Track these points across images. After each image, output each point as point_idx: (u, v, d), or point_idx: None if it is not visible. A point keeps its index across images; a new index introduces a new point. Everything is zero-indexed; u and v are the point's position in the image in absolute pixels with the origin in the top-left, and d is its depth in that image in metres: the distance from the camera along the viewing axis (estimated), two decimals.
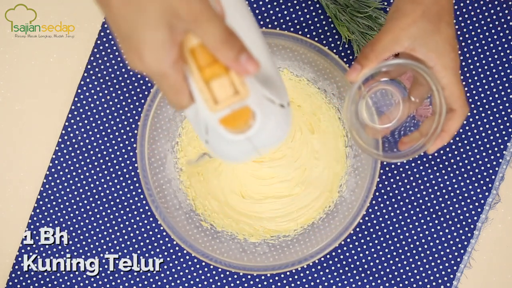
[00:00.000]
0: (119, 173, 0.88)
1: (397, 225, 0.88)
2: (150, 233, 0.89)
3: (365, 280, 0.88)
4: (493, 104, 0.87)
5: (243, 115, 0.51)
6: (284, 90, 0.59)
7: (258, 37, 0.60)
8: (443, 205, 0.87)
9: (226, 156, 0.57)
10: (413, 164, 0.87)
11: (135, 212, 0.88)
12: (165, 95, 0.51)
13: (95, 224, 0.89)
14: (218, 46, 0.47)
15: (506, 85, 0.87)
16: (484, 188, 0.87)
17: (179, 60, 0.49)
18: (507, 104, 0.87)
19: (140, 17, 0.47)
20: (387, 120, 0.70)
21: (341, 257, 0.88)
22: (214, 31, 0.47)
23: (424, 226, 0.88)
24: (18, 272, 0.89)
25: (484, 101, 0.87)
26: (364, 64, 0.64)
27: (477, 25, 0.86)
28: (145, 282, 0.89)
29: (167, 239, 0.88)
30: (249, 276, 0.88)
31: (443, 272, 0.88)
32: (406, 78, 0.76)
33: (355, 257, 0.88)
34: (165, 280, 0.89)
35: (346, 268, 0.88)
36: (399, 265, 0.88)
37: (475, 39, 0.87)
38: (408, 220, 0.88)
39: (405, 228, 0.88)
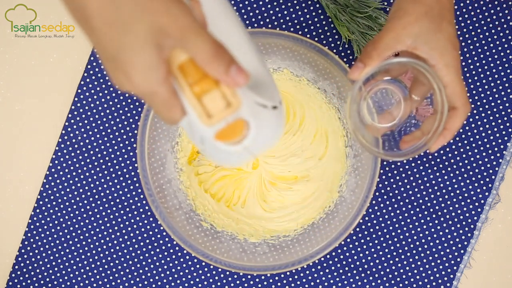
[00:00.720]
0: (119, 173, 0.88)
1: (397, 225, 0.88)
2: (150, 233, 0.89)
3: (365, 280, 0.88)
4: (493, 104, 0.87)
5: (237, 126, 0.51)
6: (276, 89, 0.59)
7: (244, 39, 0.59)
8: (443, 205, 0.87)
9: (223, 162, 0.57)
10: (413, 164, 0.87)
11: (135, 212, 0.88)
12: (157, 113, 0.50)
13: (95, 224, 0.89)
14: (207, 61, 0.47)
15: (506, 85, 0.87)
16: (484, 188, 0.87)
17: (168, 76, 0.48)
18: (507, 104, 0.87)
19: (127, 38, 0.46)
20: (389, 118, 0.70)
21: (341, 257, 0.88)
22: (202, 46, 0.46)
23: (424, 226, 0.88)
24: (18, 272, 0.89)
25: (484, 101, 0.87)
26: (366, 63, 0.64)
27: (477, 25, 0.86)
28: (145, 282, 0.89)
29: (167, 239, 0.88)
30: (249, 276, 0.88)
31: (443, 272, 0.88)
32: (407, 78, 0.77)
33: (355, 257, 0.88)
34: (165, 280, 0.89)
35: (346, 268, 0.88)
36: (399, 265, 0.88)
37: (475, 39, 0.87)
38: (408, 220, 0.88)
39: (405, 228, 0.88)
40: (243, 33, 0.59)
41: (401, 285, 0.88)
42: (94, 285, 0.89)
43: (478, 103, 0.87)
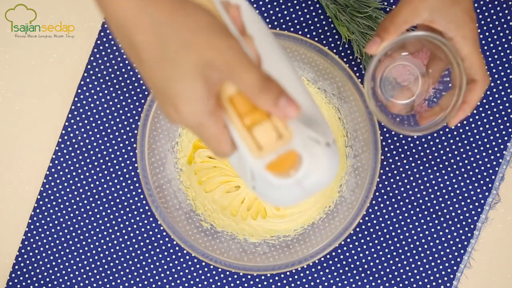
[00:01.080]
0: (119, 173, 0.88)
1: (397, 225, 0.88)
2: (150, 233, 0.89)
3: (365, 280, 0.88)
4: (493, 104, 0.87)
5: (289, 158, 0.50)
6: (328, 128, 0.58)
7: (295, 77, 0.59)
8: (443, 205, 0.87)
9: (275, 201, 0.56)
10: (413, 164, 0.87)
11: (135, 212, 0.88)
12: (207, 145, 0.50)
13: (95, 224, 0.89)
14: (255, 93, 0.47)
15: (506, 85, 0.87)
16: (484, 188, 0.87)
17: (217, 110, 0.48)
18: (507, 104, 0.87)
19: (175, 72, 0.46)
20: (407, 95, 0.70)
21: (341, 257, 0.88)
22: (249, 79, 0.46)
23: (424, 226, 0.88)
24: (18, 272, 0.89)
25: (484, 101, 0.87)
26: (383, 37, 0.63)
27: (477, 25, 0.86)
28: (145, 282, 0.89)
29: (167, 239, 0.88)
30: (249, 276, 0.88)
31: (443, 272, 0.88)
32: (422, 58, 0.76)
33: (355, 257, 0.88)
34: (165, 280, 0.89)
35: (346, 268, 0.88)
36: (399, 265, 0.88)
37: None
38: (408, 220, 0.88)
39: (405, 228, 0.88)
40: (293, 69, 0.59)
41: (401, 285, 0.88)
42: (94, 285, 0.89)
43: (478, 103, 0.87)
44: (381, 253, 0.88)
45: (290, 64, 0.60)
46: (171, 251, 0.88)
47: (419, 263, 0.88)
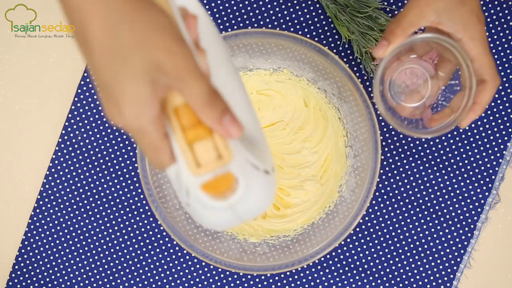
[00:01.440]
0: (119, 173, 0.88)
1: (397, 225, 0.88)
2: (150, 233, 0.89)
3: (365, 280, 0.88)
4: (493, 104, 0.87)
5: (225, 181, 0.49)
6: (269, 155, 0.56)
7: (244, 98, 0.58)
8: (443, 205, 0.87)
9: (206, 222, 0.54)
10: (413, 164, 0.87)
11: (135, 212, 0.88)
12: (144, 153, 0.48)
13: (95, 224, 0.89)
14: (201, 106, 0.45)
15: (506, 85, 0.87)
16: (484, 188, 0.87)
17: (159, 117, 0.46)
18: (507, 104, 0.87)
19: (123, 69, 0.44)
20: (417, 98, 0.70)
21: (341, 257, 0.88)
22: (197, 90, 0.45)
23: (424, 226, 0.88)
24: (18, 272, 0.89)
25: None
26: (391, 40, 0.63)
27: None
28: (145, 282, 0.89)
29: (167, 239, 0.88)
30: (249, 276, 0.88)
31: (443, 272, 0.88)
32: (432, 60, 0.76)
33: (355, 257, 0.88)
34: (165, 280, 0.89)
35: (346, 268, 0.88)
36: (399, 265, 0.88)
37: None
38: (408, 220, 0.88)
39: (405, 228, 0.88)
40: (242, 90, 0.58)
41: (401, 285, 0.88)
42: (94, 285, 0.89)
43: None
44: (381, 253, 0.88)
45: (240, 83, 0.58)
46: (171, 251, 0.88)
47: (419, 263, 0.88)
